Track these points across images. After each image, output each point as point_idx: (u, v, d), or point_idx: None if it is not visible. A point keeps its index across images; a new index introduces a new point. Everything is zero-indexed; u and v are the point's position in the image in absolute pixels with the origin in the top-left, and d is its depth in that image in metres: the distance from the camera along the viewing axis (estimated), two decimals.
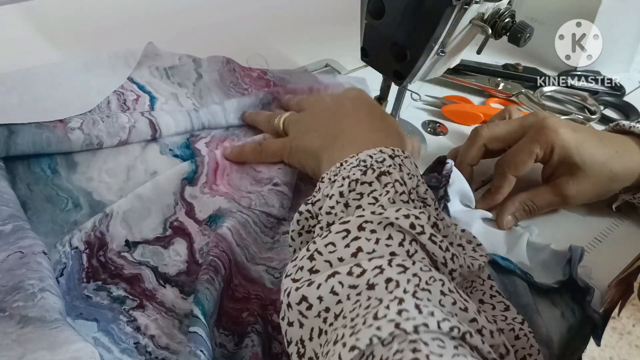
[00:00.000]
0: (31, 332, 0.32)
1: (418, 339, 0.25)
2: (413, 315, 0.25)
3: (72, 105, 0.51)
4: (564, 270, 0.42)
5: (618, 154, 0.46)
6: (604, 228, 0.49)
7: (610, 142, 0.46)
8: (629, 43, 0.70)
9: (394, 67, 0.49)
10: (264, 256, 0.43)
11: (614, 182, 0.46)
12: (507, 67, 0.68)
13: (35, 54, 0.60)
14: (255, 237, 0.43)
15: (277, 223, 0.45)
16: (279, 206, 0.46)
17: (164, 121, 0.50)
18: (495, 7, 0.46)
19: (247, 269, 0.41)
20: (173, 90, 0.57)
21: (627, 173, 0.46)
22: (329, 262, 0.30)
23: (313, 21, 0.76)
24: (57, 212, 0.44)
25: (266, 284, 0.41)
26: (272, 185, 0.47)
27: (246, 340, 0.36)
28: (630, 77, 0.71)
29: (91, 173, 0.47)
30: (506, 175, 0.47)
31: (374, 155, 0.37)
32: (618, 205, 0.49)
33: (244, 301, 0.39)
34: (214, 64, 0.61)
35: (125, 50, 0.59)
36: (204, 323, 0.34)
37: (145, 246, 0.42)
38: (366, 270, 0.29)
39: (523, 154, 0.46)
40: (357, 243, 0.30)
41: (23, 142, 0.45)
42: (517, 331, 0.33)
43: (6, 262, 0.36)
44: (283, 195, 0.46)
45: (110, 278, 0.40)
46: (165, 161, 0.49)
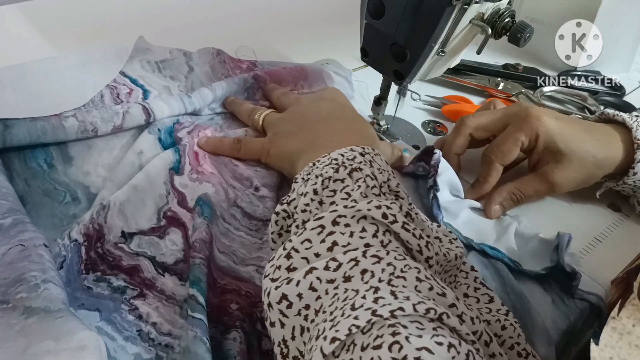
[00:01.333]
0: (35, 323, 0.32)
1: (396, 322, 0.25)
2: (389, 301, 0.26)
3: (66, 100, 0.52)
4: (552, 257, 0.43)
5: (600, 142, 0.47)
6: (604, 228, 0.49)
7: (593, 130, 0.48)
8: (629, 43, 0.70)
9: (394, 67, 0.49)
10: (254, 256, 0.43)
11: (597, 169, 0.47)
12: (507, 67, 0.68)
13: (35, 53, 0.60)
14: (241, 241, 0.44)
15: (263, 225, 0.46)
16: (262, 207, 0.46)
17: (157, 106, 0.51)
18: (495, 7, 0.46)
19: (236, 270, 0.42)
20: (165, 84, 0.58)
21: (609, 160, 0.47)
22: (306, 259, 0.31)
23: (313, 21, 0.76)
24: (56, 206, 0.44)
25: (257, 283, 0.41)
26: (254, 190, 0.48)
27: (233, 333, 0.36)
28: (630, 77, 0.71)
29: (87, 167, 0.48)
30: (493, 164, 0.48)
31: (345, 154, 0.38)
32: (602, 192, 0.50)
33: (234, 293, 0.40)
34: (205, 55, 0.61)
35: (117, 46, 0.59)
36: (203, 307, 0.35)
37: (142, 237, 0.43)
38: (342, 263, 0.29)
39: (509, 142, 0.47)
40: (332, 238, 0.31)
41: (19, 132, 0.45)
42: (503, 321, 0.34)
43: (7, 255, 0.36)
44: (265, 198, 0.47)
45: (109, 269, 0.40)
46: (151, 141, 0.50)
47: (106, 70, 0.57)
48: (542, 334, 0.37)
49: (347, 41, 0.58)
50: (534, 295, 0.42)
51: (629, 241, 0.48)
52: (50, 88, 0.53)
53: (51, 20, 0.71)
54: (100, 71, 0.57)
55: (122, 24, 0.72)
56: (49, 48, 0.65)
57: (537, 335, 0.37)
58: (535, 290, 0.42)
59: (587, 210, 0.50)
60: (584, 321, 0.42)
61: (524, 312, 0.38)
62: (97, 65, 0.57)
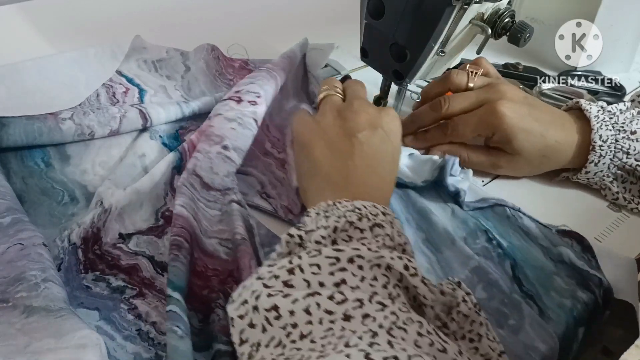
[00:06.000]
0: (36, 322, 0.32)
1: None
2: (384, 348, 0.25)
3: (61, 98, 0.52)
4: (433, 174, 0.48)
5: (557, 143, 0.48)
6: (604, 228, 0.49)
7: (555, 133, 0.48)
8: (629, 43, 0.70)
9: (393, 66, 0.49)
10: (215, 229, 0.43)
11: (544, 166, 0.50)
12: (508, 66, 0.68)
13: (34, 53, 0.60)
14: (203, 213, 0.44)
15: (222, 194, 0.45)
16: (223, 175, 0.45)
17: (154, 110, 0.51)
18: (495, 7, 0.46)
19: (203, 242, 0.42)
20: (161, 83, 0.58)
21: (560, 159, 0.50)
22: (308, 282, 0.30)
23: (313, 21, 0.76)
24: (54, 205, 0.44)
25: (222, 256, 0.41)
26: (222, 148, 0.46)
27: (212, 317, 0.36)
28: (630, 77, 0.71)
29: (85, 165, 0.48)
30: (445, 135, 0.51)
31: (368, 207, 0.36)
32: (560, 179, 0.52)
33: (203, 277, 0.40)
34: (200, 52, 0.62)
35: (111, 44, 0.59)
36: (177, 299, 0.35)
37: (140, 236, 0.43)
38: (347, 299, 0.28)
39: (467, 129, 0.49)
40: (342, 275, 0.30)
41: (15, 132, 0.45)
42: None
43: (6, 254, 0.36)
44: (230, 162, 0.46)
45: (108, 269, 0.40)
46: (154, 146, 0.50)
47: (101, 68, 0.57)
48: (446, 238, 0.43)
49: (347, 41, 0.58)
50: (436, 207, 0.48)
51: (629, 241, 0.48)
52: (44, 85, 0.53)
53: (50, 20, 0.71)
54: (95, 68, 0.57)
55: (121, 23, 0.72)
56: (48, 48, 0.65)
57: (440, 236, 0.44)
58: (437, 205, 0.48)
59: (587, 210, 0.50)
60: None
61: (427, 222, 0.45)
62: (90, 63, 0.58)
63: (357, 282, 0.30)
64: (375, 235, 0.34)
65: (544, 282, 0.41)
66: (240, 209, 0.43)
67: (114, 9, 0.76)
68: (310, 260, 0.31)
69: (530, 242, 0.45)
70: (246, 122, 0.48)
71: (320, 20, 0.78)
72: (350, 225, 0.34)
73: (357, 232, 0.34)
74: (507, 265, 0.43)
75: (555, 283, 0.41)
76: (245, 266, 0.38)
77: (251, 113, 0.48)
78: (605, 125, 0.48)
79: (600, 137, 0.47)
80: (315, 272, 0.30)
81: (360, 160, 0.39)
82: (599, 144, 0.47)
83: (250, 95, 0.50)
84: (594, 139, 0.47)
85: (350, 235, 0.34)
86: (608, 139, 0.47)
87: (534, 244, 0.45)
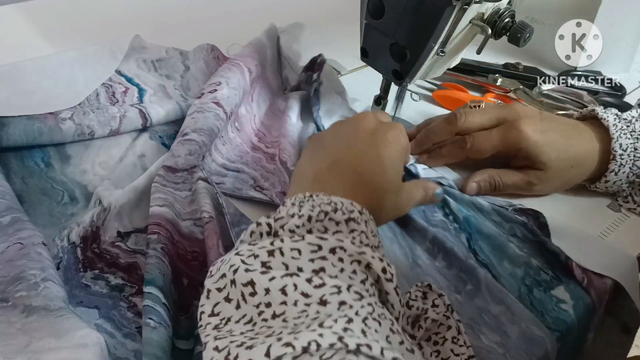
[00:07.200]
0: (36, 321, 0.32)
1: (360, 358, 0.24)
2: (358, 334, 0.25)
3: (60, 98, 0.52)
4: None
5: (582, 153, 0.48)
6: (604, 228, 0.49)
7: (577, 142, 0.48)
8: (629, 43, 0.70)
9: (393, 67, 0.49)
10: (188, 211, 0.43)
11: (576, 177, 0.49)
12: (508, 66, 0.68)
13: (34, 53, 0.60)
14: (174, 196, 0.44)
15: (189, 174, 0.45)
16: (185, 154, 0.46)
17: (154, 110, 0.51)
18: (495, 7, 0.46)
19: (179, 225, 0.42)
20: (161, 82, 0.58)
21: (586, 168, 0.49)
22: (286, 266, 0.30)
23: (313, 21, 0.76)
24: (54, 205, 0.44)
25: (198, 236, 0.42)
26: (181, 137, 0.47)
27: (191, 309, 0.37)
28: (630, 77, 0.71)
29: (85, 165, 0.48)
30: (462, 150, 0.49)
31: (345, 203, 0.35)
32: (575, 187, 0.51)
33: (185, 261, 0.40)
34: (199, 52, 0.62)
35: (110, 43, 0.59)
36: (149, 293, 0.35)
37: (139, 235, 0.43)
38: (325, 284, 0.28)
39: (489, 144, 0.48)
40: (322, 262, 0.30)
41: (15, 132, 0.45)
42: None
43: (6, 253, 0.36)
44: (191, 142, 0.46)
45: (106, 267, 0.40)
46: (154, 147, 0.50)
47: (100, 67, 0.57)
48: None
49: (347, 41, 0.58)
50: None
51: (629, 241, 0.48)
52: (43, 85, 0.53)
53: (50, 20, 0.71)
54: (94, 68, 0.57)
55: (121, 23, 0.72)
56: (48, 48, 0.65)
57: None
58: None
59: (587, 210, 0.50)
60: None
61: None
62: (90, 61, 0.58)
63: (337, 272, 0.30)
64: (350, 230, 0.34)
65: (496, 253, 0.44)
66: (207, 186, 0.44)
67: (113, 8, 0.76)
68: (292, 244, 0.30)
69: (483, 218, 0.47)
70: (205, 107, 0.50)
71: (320, 20, 0.78)
72: (325, 215, 0.34)
73: (333, 224, 0.34)
74: (463, 238, 0.46)
75: (507, 253, 0.44)
76: (213, 245, 0.38)
77: (211, 99, 0.50)
78: (623, 133, 0.47)
79: (620, 145, 0.47)
80: (295, 256, 0.30)
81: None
82: (620, 153, 0.47)
83: (210, 87, 0.52)
84: (614, 148, 0.47)
85: (326, 226, 0.34)
86: (628, 147, 0.47)
87: (486, 219, 0.47)
